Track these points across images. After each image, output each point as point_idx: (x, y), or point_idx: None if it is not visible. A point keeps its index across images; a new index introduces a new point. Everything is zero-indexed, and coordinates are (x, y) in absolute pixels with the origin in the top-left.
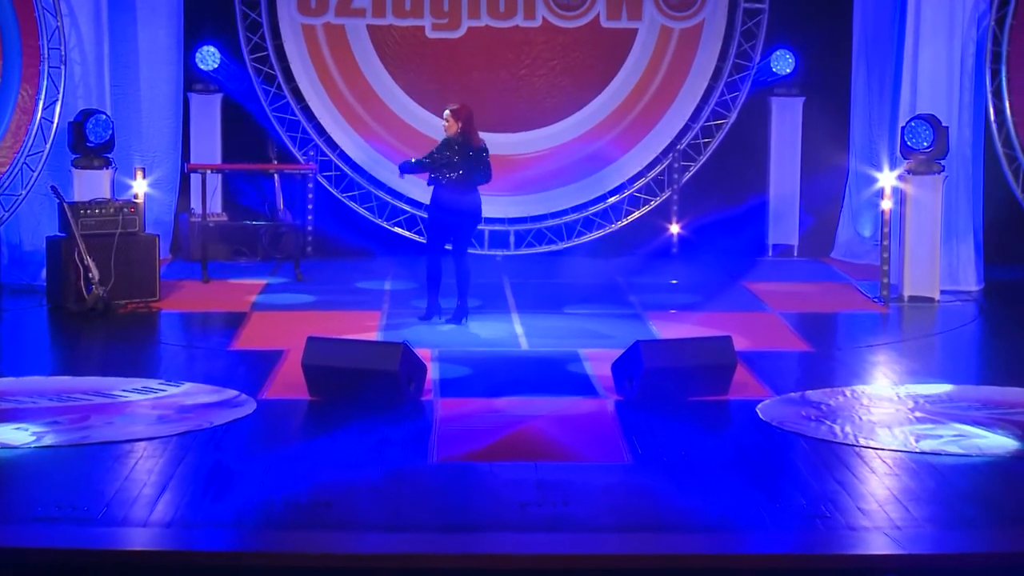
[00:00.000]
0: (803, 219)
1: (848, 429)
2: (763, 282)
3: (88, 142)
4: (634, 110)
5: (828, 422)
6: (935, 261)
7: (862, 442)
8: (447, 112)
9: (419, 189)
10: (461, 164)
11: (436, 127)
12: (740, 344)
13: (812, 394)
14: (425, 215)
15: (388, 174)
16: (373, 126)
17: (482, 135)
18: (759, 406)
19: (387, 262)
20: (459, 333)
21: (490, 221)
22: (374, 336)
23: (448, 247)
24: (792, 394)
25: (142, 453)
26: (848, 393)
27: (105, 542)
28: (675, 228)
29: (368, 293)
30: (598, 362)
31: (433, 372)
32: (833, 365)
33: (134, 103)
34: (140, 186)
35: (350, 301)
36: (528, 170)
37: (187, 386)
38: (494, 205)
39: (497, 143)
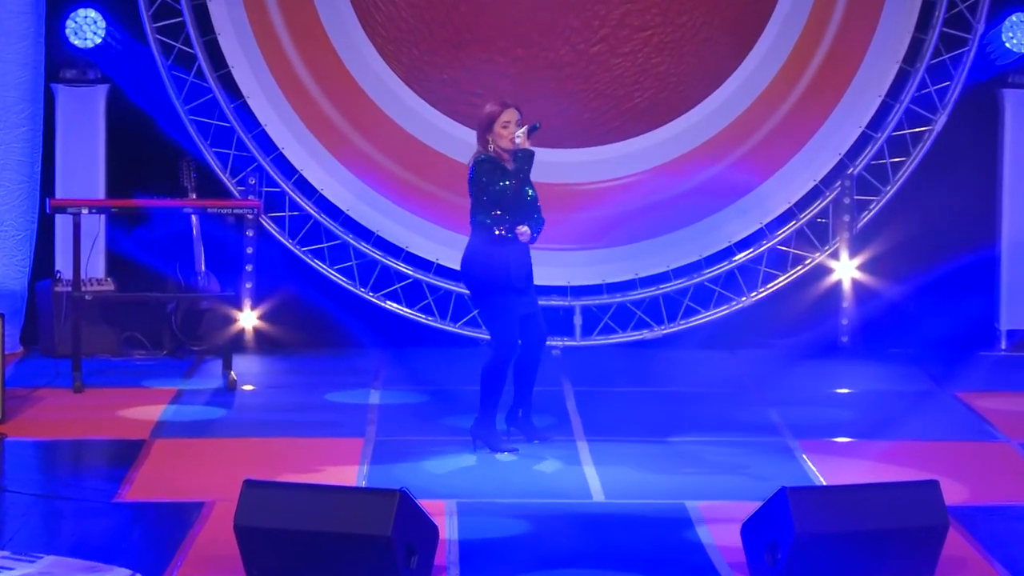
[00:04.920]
0: None
1: None
2: (990, 392)
3: None
4: (778, 111)
5: None
6: None
7: None
8: (509, 112)
9: (430, 242)
10: (529, 203)
11: (453, 138)
12: (953, 494)
13: None
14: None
15: (377, 215)
16: (352, 136)
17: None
18: None
19: (373, 357)
20: (490, 475)
21: (540, 291)
22: (353, 479)
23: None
24: None
25: None
26: None
27: None
28: (846, 302)
29: (343, 408)
30: (719, 522)
31: (450, 537)
32: None
33: None
34: None
35: (313, 422)
36: (603, 208)
37: (47, 561)
38: (546, 265)
39: (552, 164)
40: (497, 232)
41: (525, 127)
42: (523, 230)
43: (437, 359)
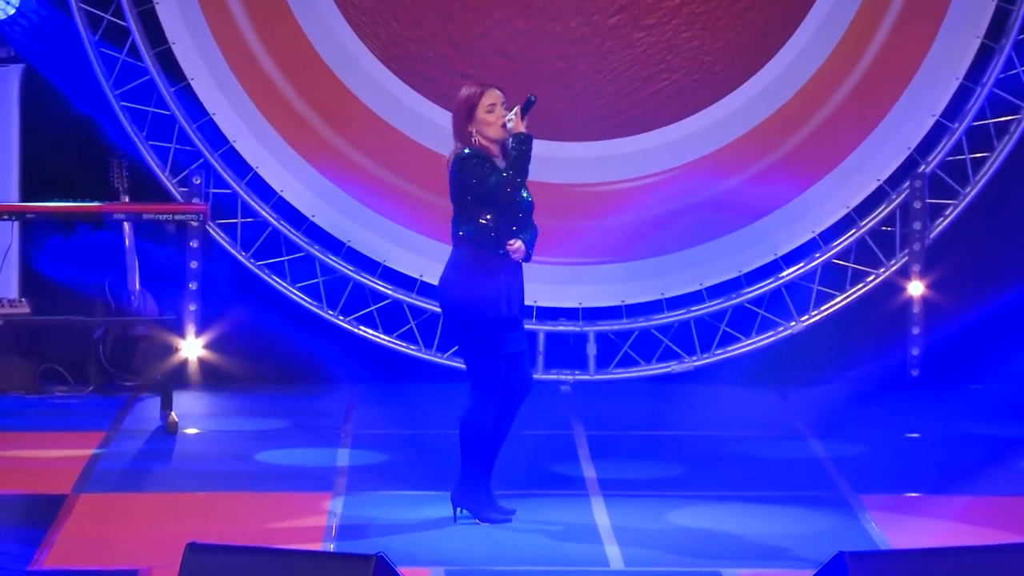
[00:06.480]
0: None
1: None
2: None
3: None
4: (833, 97)
5: None
6: None
7: None
8: (491, 93)
9: (412, 254)
10: (526, 208)
11: (440, 129)
12: None
13: None
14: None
15: (348, 222)
16: (318, 126)
17: (536, 144)
18: None
19: (344, 394)
20: (485, 537)
21: (546, 315)
22: (319, 542)
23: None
24: None
25: None
26: None
27: None
28: (916, 328)
29: (306, 457)
30: None
31: None
32: None
33: None
34: None
35: (270, 473)
36: (622, 215)
37: None
38: (554, 283)
39: (560, 161)
40: (485, 246)
41: (516, 107)
42: (516, 246)
43: (420, 396)
